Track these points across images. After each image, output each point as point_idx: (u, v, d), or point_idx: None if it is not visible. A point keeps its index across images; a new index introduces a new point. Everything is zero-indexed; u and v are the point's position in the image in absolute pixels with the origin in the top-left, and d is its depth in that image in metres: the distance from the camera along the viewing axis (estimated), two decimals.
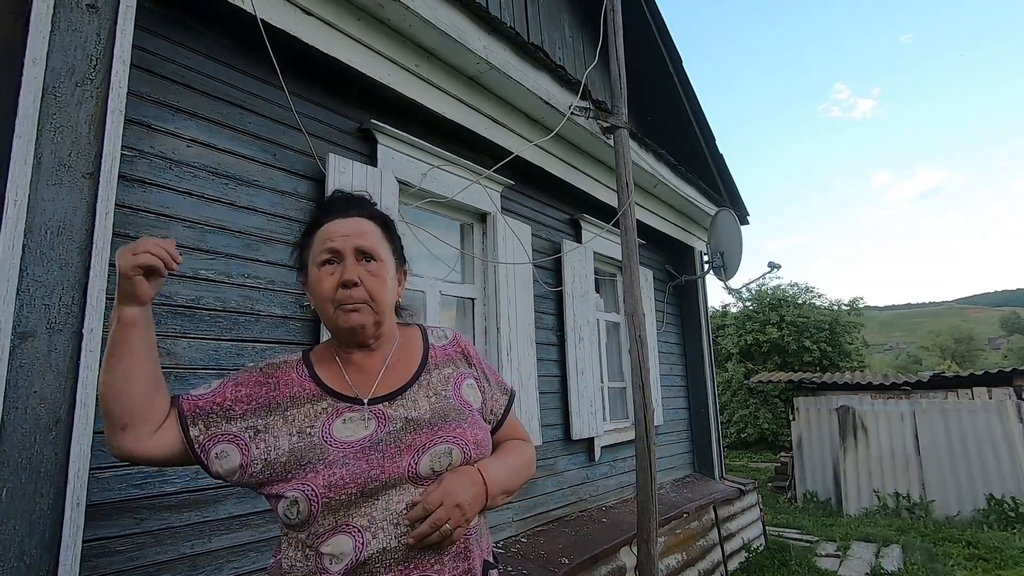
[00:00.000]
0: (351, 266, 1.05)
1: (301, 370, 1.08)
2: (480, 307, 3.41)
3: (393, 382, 1.09)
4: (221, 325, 2.07)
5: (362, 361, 1.11)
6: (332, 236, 1.07)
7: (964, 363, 49.55)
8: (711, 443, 5.73)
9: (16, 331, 1.39)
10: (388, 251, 1.13)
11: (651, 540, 2.89)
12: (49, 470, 1.41)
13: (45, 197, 1.48)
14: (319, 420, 1.01)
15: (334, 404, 1.03)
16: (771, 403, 15.78)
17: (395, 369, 1.12)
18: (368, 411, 1.03)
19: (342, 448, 0.97)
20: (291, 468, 0.96)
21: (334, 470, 0.94)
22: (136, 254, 0.95)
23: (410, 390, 1.08)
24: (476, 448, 1.06)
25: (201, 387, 1.08)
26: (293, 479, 0.95)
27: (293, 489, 0.94)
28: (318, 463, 0.95)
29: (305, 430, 1.00)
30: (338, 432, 1.00)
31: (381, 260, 1.09)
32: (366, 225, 1.11)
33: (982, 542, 6.15)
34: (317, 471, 0.94)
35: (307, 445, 0.98)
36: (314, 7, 2.30)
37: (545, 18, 4.60)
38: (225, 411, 1.03)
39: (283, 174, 2.36)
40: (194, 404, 1.03)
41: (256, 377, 1.07)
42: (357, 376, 1.09)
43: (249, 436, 1.01)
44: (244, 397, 1.04)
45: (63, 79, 1.54)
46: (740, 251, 5.52)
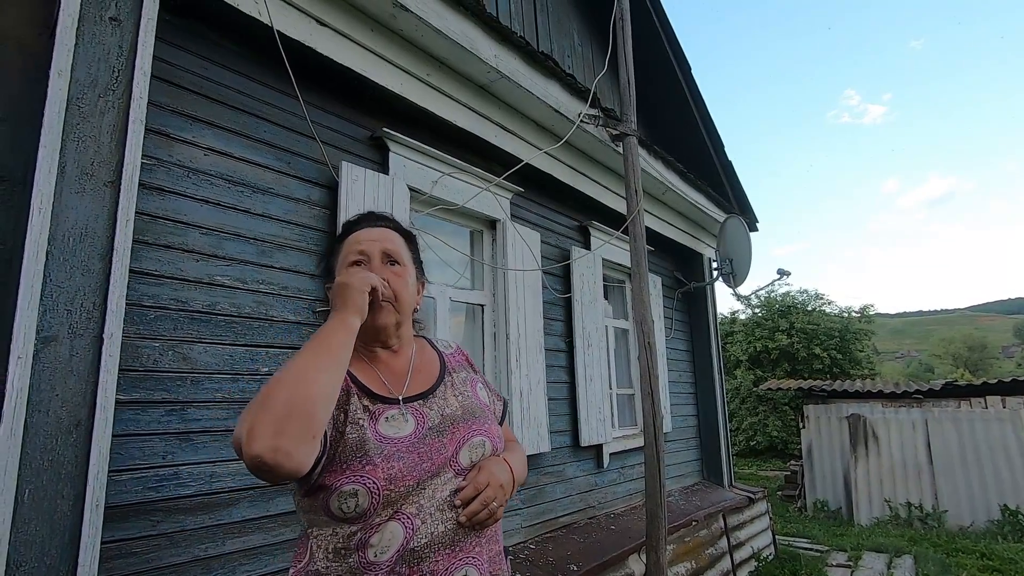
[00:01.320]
0: (378, 266, 1.14)
1: None
2: (489, 313, 3.43)
3: (422, 383, 1.16)
4: (236, 330, 2.10)
5: (389, 361, 1.17)
6: (361, 240, 1.16)
7: (977, 371, 48.93)
8: (720, 450, 5.69)
9: (39, 335, 1.42)
10: (411, 260, 1.22)
11: (660, 548, 2.89)
12: (70, 472, 1.44)
13: (68, 205, 1.51)
14: (366, 415, 1.05)
15: (373, 404, 1.07)
16: (780, 411, 15.66)
17: (421, 371, 1.19)
18: (405, 408, 1.09)
19: (394, 444, 1.02)
20: (348, 459, 0.98)
21: (392, 463, 0.98)
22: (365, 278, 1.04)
23: (439, 390, 1.16)
24: (500, 441, 1.17)
25: None
26: (348, 471, 0.96)
27: (350, 482, 0.95)
28: (375, 456, 0.98)
29: (358, 422, 1.03)
30: (385, 430, 1.04)
31: (404, 265, 1.18)
32: (392, 234, 1.21)
33: (996, 553, 6.06)
34: (376, 465, 0.97)
35: (362, 438, 1.00)
36: (328, 18, 2.34)
37: (554, 27, 4.64)
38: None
39: (297, 182, 2.39)
40: None
41: None
42: (388, 375, 1.14)
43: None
44: None
45: (87, 90, 1.59)
46: (749, 258, 5.51)
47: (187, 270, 1.98)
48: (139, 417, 1.80)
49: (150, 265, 1.88)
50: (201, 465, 1.93)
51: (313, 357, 0.92)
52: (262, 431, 0.81)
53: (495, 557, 1.08)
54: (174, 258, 1.95)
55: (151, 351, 1.85)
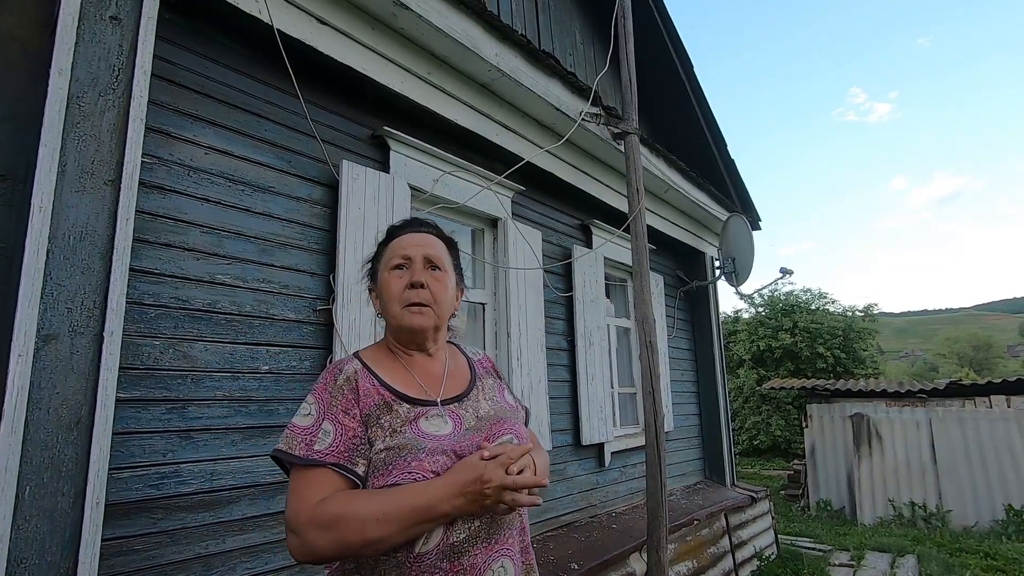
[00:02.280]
0: (419, 270, 1.18)
1: (370, 379, 1.11)
2: (491, 312, 3.43)
3: (456, 386, 1.20)
4: (237, 329, 2.10)
5: (425, 364, 1.20)
6: (405, 245, 1.21)
7: (982, 371, 48.69)
8: (722, 450, 5.69)
9: (40, 334, 1.43)
10: (451, 267, 1.26)
11: (661, 547, 2.88)
12: (70, 469, 1.44)
13: (69, 204, 1.52)
14: (407, 420, 1.07)
15: (413, 407, 1.10)
16: (784, 410, 15.63)
17: (455, 375, 1.23)
18: (444, 410, 1.12)
19: (437, 440, 1.05)
20: (391, 461, 1.01)
21: (436, 457, 1.01)
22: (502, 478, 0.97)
23: (472, 393, 1.20)
24: (527, 442, 1.18)
25: (309, 429, 1.05)
26: (396, 470, 1.00)
27: (399, 478, 0.99)
28: (420, 453, 1.01)
29: (398, 430, 1.05)
30: (426, 428, 1.07)
31: (445, 271, 1.22)
32: (435, 241, 1.25)
33: (1000, 553, 6.03)
34: (421, 460, 1.01)
35: (402, 442, 1.03)
36: (329, 17, 2.34)
37: (556, 25, 4.63)
38: (361, 437, 1.05)
39: (298, 180, 2.40)
40: (337, 452, 1.03)
41: (348, 396, 1.08)
42: (425, 378, 1.17)
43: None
44: (359, 415, 1.07)
45: (87, 89, 1.59)
46: (752, 256, 5.50)
47: (188, 269, 1.99)
48: (140, 415, 1.81)
49: (151, 264, 1.89)
50: (202, 463, 1.94)
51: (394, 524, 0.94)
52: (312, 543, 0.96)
53: (526, 548, 1.13)
54: (175, 257, 1.96)
55: (152, 349, 1.86)
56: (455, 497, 0.96)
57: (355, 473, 1.03)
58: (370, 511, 0.95)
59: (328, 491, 1.00)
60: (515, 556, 1.08)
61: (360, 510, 0.95)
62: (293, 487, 1.03)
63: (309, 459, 1.02)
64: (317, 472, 1.02)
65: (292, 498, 1.01)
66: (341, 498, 0.98)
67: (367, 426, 1.06)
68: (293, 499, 1.01)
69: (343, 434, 1.05)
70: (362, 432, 1.06)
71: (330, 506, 0.97)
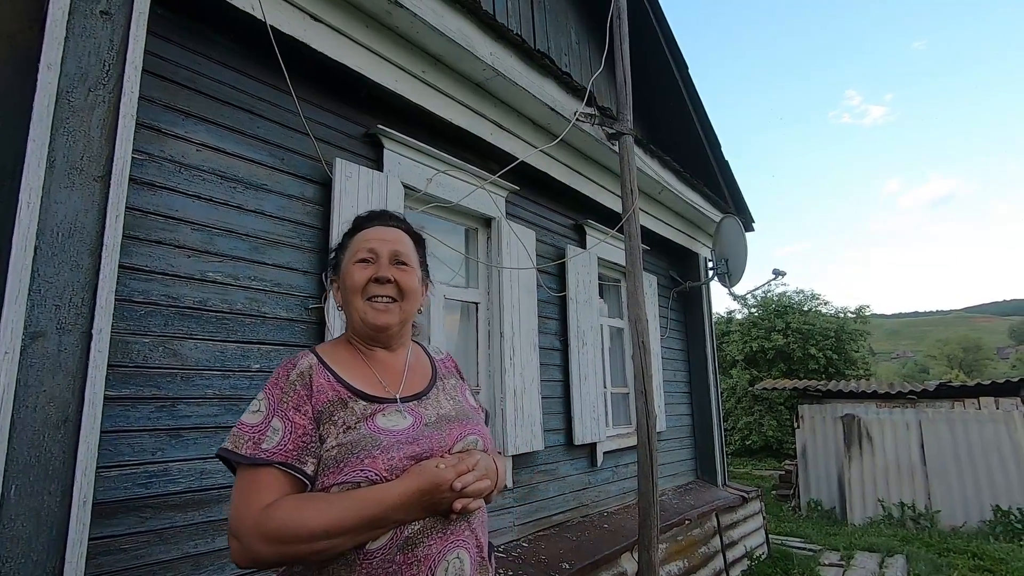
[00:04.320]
0: (385, 265, 1.15)
1: (326, 375, 1.08)
2: (484, 312, 3.43)
3: (416, 384, 1.17)
4: (227, 327, 2.09)
5: (386, 360, 1.18)
6: (371, 239, 1.18)
7: (972, 372, 49.13)
8: (714, 450, 5.71)
9: (27, 331, 1.41)
10: (418, 263, 1.23)
11: (652, 546, 2.89)
12: (57, 468, 1.43)
13: (57, 200, 1.50)
14: (361, 417, 1.04)
15: (370, 404, 1.07)
16: (776, 410, 15.70)
17: (416, 372, 1.21)
18: (403, 407, 1.10)
19: (393, 436, 1.02)
20: (343, 458, 0.98)
21: (391, 454, 0.99)
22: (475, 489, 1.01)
23: (432, 392, 1.18)
24: (491, 444, 1.20)
25: (257, 427, 1.02)
26: (347, 468, 0.97)
27: (350, 476, 0.96)
28: (374, 450, 0.99)
29: (352, 427, 1.03)
30: (382, 423, 1.05)
31: (412, 267, 1.19)
32: (403, 236, 1.23)
33: (988, 554, 6.09)
34: (375, 457, 0.98)
35: (356, 438, 1.00)
36: (323, 14, 2.33)
37: (551, 25, 4.63)
38: (311, 435, 1.02)
39: (290, 178, 2.38)
40: (285, 451, 0.99)
41: (301, 392, 1.05)
42: (385, 374, 1.15)
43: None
44: (310, 412, 1.04)
45: (76, 84, 1.58)
46: (745, 258, 5.52)
47: (178, 266, 1.97)
48: (128, 413, 1.79)
49: (141, 261, 1.88)
50: (191, 462, 1.93)
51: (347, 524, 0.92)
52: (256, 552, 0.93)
53: (484, 546, 1.10)
54: (165, 254, 1.94)
55: (141, 347, 1.85)
56: (410, 506, 0.95)
57: (303, 473, 0.99)
58: (318, 521, 0.91)
59: (275, 494, 0.96)
60: (471, 548, 1.05)
61: (308, 520, 0.91)
62: (238, 488, 0.99)
63: (256, 458, 0.98)
64: (263, 473, 0.98)
65: (236, 501, 0.97)
66: (288, 505, 0.94)
67: (319, 423, 1.03)
68: (237, 502, 0.97)
69: (292, 432, 1.01)
70: (313, 430, 1.02)
71: (276, 513, 0.93)
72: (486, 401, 3.32)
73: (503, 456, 1.30)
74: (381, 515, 0.93)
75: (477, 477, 1.01)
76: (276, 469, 0.98)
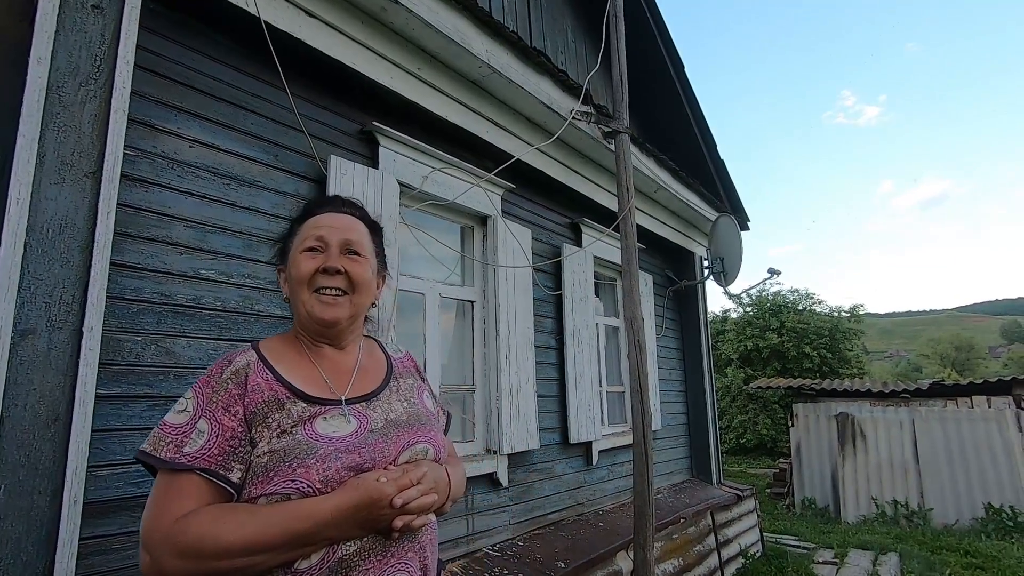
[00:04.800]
0: (335, 255, 1.05)
1: (264, 373, 1.00)
2: (479, 310, 3.42)
3: (366, 384, 1.09)
4: (221, 325, 2.07)
5: (335, 358, 1.09)
6: (321, 225, 1.08)
7: (964, 371, 49.48)
8: (709, 448, 5.72)
9: (17, 328, 1.39)
10: (372, 253, 1.14)
11: (647, 545, 2.89)
12: (47, 467, 1.41)
13: (47, 196, 1.49)
14: (300, 420, 0.96)
15: (311, 406, 0.98)
16: (770, 409, 15.77)
17: (367, 371, 1.12)
18: (347, 409, 1.01)
19: (332, 443, 0.94)
20: (273, 466, 0.90)
21: (328, 464, 0.91)
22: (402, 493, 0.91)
23: (383, 393, 1.09)
24: (444, 451, 1.11)
25: (181, 429, 0.93)
26: (276, 477, 0.90)
27: (280, 487, 0.89)
28: (308, 458, 0.90)
29: (287, 430, 0.94)
30: (322, 429, 0.96)
31: (365, 257, 1.10)
32: (356, 223, 1.13)
33: (980, 551, 6.13)
34: (308, 466, 0.89)
35: (290, 444, 0.92)
36: (317, 10, 2.31)
37: (548, 23, 4.62)
38: (241, 439, 0.94)
39: (285, 175, 2.37)
40: (208, 456, 0.91)
41: (232, 391, 0.96)
42: (331, 372, 1.06)
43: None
44: (241, 413, 0.96)
45: (67, 79, 1.56)
46: (740, 257, 5.53)
47: (171, 264, 1.95)
48: (120, 412, 1.77)
49: (133, 258, 1.86)
50: None
51: (262, 540, 0.84)
52: (167, 568, 0.84)
53: (430, 566, 1.01)
54: (157, 251, 1.92)
55: (133, 345, 1.83)
56: (343, 522, 0.87)
57: (228, 481, 0.90)
58: (237, 536, 0.83)
59: (193, 503, 0.87)
60: (414, 571, 0.96)
61: (225, 534, 0.83)
62: (153, 495, 0.90)
63: (175, 463, 0.89)
64: (182, 479, 0.89)
65: (150, 508, 0.88)
66: (205, 517, 0.85)
67: (251, 426, 0.94)
68: (150, 510, 0.88)
69: (219, 435, 0.92)
70: (243, 433, 0.93)
71: (191, 526, 0.84)
72: (481, 400, 3.31)
73: (458, 464, 1.17)
74: (310, 531, 0.85)
75: (421, 492, 0.93)
76: (197, 476, 0.89)
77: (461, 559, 2.91)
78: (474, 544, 3.05)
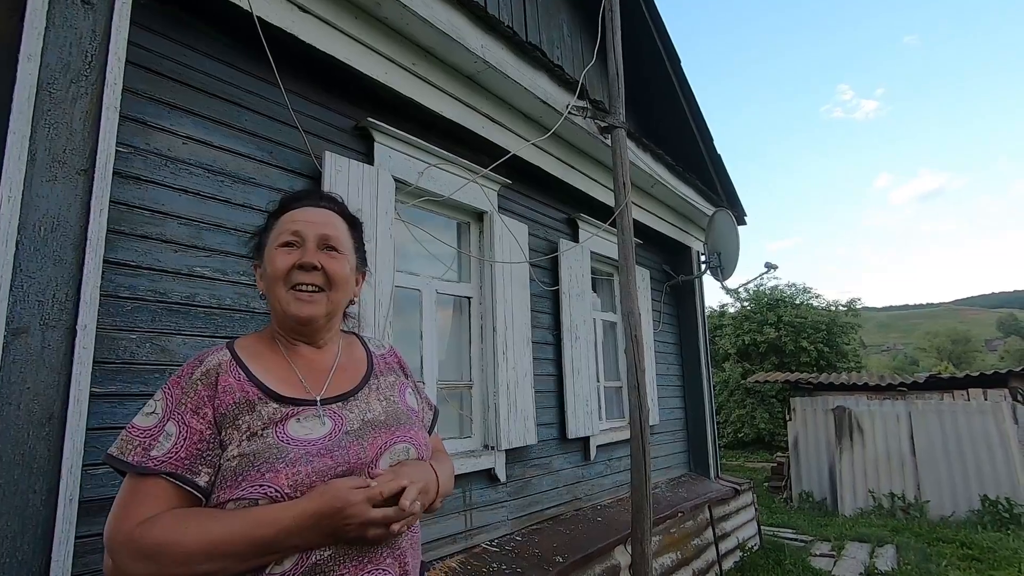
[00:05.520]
0: (312, 250, 1.03)
1: (236, 373, 0.98)
2: (476, 306, 3.42)
3: (344, 384, 1.06)
4: (216, 322, 2.07)
5: (311, 357, 1.07)
6: (297, 220, 1.06)
7: (961, 365, 49.68)
8: (707, 443, 5.74)
9: (9, 327, 1.39)
10: (351, 248, 1.12)
11: (645, 539, 2.90)
12: (42, 466, 1.41)
13: (39, 193, 1.48)
14: (270, 422, 0.94)
15: (283, 406, 0.96)
16: (768, 403, 15.81)
17: (345, 370, 1.09)
18: (322, 410, 0.99)
19: (303, 446, 0.92)
20: (242, 471, 0.89)
21: (298, 468, 0.88)
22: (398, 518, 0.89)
23: (361, 392, 1.06)
24: (427, 450, 1.09)
25: (149, 431, 0.91)
26: (244, 481, 0.88)
27: (248, 492, 0.87)
28: (277, 462, 0.88)
29: (257, 432, 0.92)
30: (294, 431, 0.94)
31: (343, 253, 1.08)
32: (334, 218, 1.10)
33: (976, 543, 6.18)
34: (277, 471, 0.87)
35: (260, 447, 0.90)
36: (311, 5, 2.30)
37: (543, 17, 4.60)
38: (209, 442, 0.92)
39: (279, 172, 2.36)
40: (175, 460, 0.89)
41: (202, 392, 0.94)
42: (307, 372, 1.04)
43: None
44: (210, 416, 0.94)
45: (58, 75, 1.55)
46: (737, 251, 5.53)
47: (165, 261, 1.95)
48: (116, 410, 1.77)
49: (127, 256, 1.85)
50: None
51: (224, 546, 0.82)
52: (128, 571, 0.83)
53: (410, 571, 0.99)
54: (152, 249, 1.92)
55: (128, 343, 1.82)
56: (308, 530, 0.84)
57: (195, 485, 0.88)
58: (199, 541, 0.81)
59: (157, 507, 0.86)
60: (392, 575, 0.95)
61: (186, 539, 0.82)
62: (119, 498, 0.88)
63: (142, 467, 0.87)
64: (148, 483, 0.87)
65: (114, 511, 0.87)
66: (167, 521, 0.84)
67: (220, 428, 0.92)
68: (116, 513, 0.87)
69: (187, 438, 0.90)
70: (211, 436, 0.91)
71: (152, 530, 0.82)
72: (479, 396, 3.32)
73: (446, 460, 1.15)
74: (273, 539, 0.83)
75: (398, 512, 0.88)
76: (163, 480, 0.88)
77: (459, 554, 2.92)
78: (472, 539, 3.06)
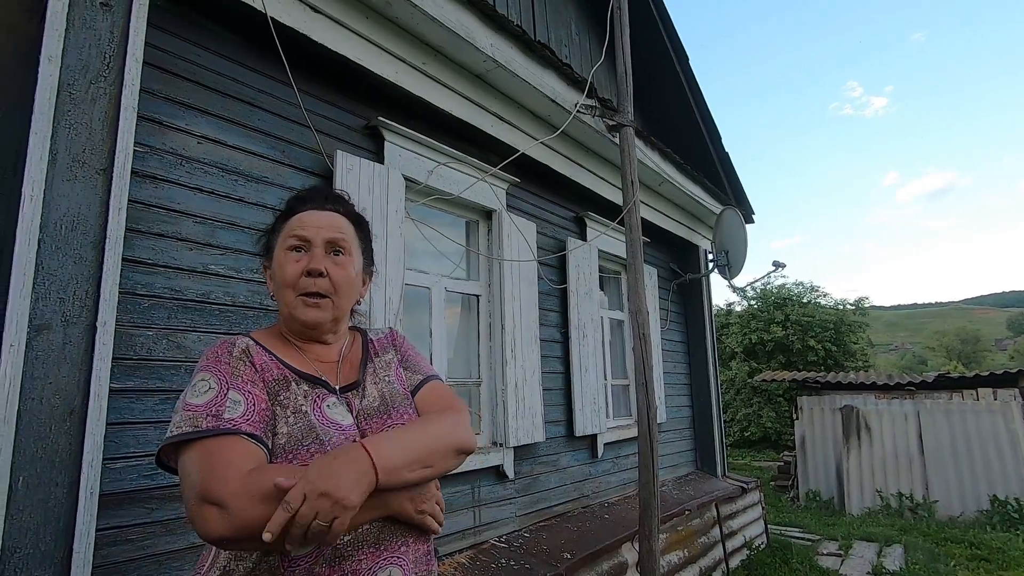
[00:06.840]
0: (319, 256, 1.05)
1: (266, 354, 1.03)
2: (485, 304, 3.43)
3: (351, 374, 1.11)
4: (230, 320, 2.09)
5: (320, 351, 1.11)
6: (304, 224, 1.08)
7: (970, 364, 49.26)
8: (714, 441, 5.74)
9: (32, 323, 1.42)
10: (358, 249, 1.14)
11: (653, 536, 2.92)
12: (64, 460, 1.44)
13: (60, 193, 1.51)
14: (308, 400, 0.99)
15: (313, 388, 1.02)
16: (775, 402, 15.75)
17: (349, 360, 1.13)
18: (342, 398, 1.05)
19: (342, 431, 0.98)
20: (291, 449, 0.93)
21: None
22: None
23: (362, 380, 1.11)
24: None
25: (213, 402, 0.91)
26: (298, 459, 0.92)
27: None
28: (326, 443, 0.94)
29: (301, 409, 0.97)
30: (330, 414, 0.99)
31: (350, 255, 1.10)
32: (340, 220, 1.12)
33: (985, 543, 6.14)
34: (326, 451, 0.92)
35: (307, 425, 0.95)
36: (323, 6, 2.32)
37: (552, 16, 4.60)
38: (270, 411, 0.96)
39: (292, 171, 2.38)
40: (252, 422, 0.91)
41: (250, 368, 0.98)
42: (319, 364, 1.08)
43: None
44: (263, 387, 0.98)
45: (78, 76, 1.57)
46: (745, 250, 5.53)
47: (181, 259, 1.97)
48: (133, 405, 1.80)
49: (143, 254, 1.88)
50: None
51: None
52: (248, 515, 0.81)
53: (422, 557, 1.02)
54: (167, 247, 1.94)
55: (145, 340, 1.85)
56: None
57: (268, 449, 0.90)
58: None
59: (252, 460, 0.85)
60: (406, 565, 0.97)
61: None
62: (202, 463, 0.83)
63: (220, 428, 0.86)
64: (231, 441, 0.86)
65: (204, 471, 0.82)
66: (279, 468, 0.86)
67: (272, 402, 0.96)
68: (206, 472, 0.82)
69: (255, 404, 0.92)
70: (269, 407, 0.95)
71: (266, 474, 0.82)
72: (487, 393, 3.33)
73: (437, 418, 1.05)
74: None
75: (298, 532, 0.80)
76: (244, 439, 0.87)
77: (468, 550, 2.94)
78: (481, 535, 3.08)
